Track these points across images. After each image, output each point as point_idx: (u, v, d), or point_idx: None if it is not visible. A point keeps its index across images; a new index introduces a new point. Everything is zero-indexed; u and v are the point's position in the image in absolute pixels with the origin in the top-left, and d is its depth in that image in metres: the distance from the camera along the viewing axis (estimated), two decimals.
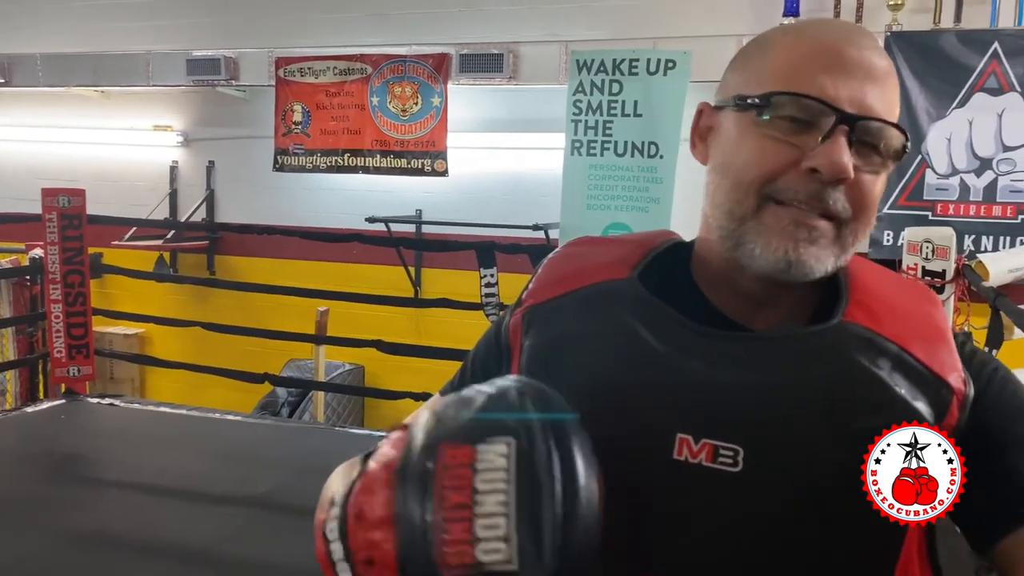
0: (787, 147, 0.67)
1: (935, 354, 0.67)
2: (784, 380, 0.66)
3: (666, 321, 0.70)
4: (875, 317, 0.69)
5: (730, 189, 0.70)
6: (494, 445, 0.54)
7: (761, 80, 0.70)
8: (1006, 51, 3.64)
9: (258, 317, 4.66)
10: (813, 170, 0.66)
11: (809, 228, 0.67)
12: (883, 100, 0.68)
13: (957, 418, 0.65)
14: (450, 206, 4.80)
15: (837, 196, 0.67)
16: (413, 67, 4.58)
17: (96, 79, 5.24)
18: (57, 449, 3.03)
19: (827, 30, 0.70)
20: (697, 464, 0.65)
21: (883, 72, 0.69)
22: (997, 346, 2.19)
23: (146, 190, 5.51)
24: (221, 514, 2.48)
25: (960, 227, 3.44)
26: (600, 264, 0.77)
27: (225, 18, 5.12)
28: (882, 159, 0.69)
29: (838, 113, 0.66)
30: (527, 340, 0.75)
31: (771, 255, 0.67)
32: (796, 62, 0.68)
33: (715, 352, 0.68)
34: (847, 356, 0.66)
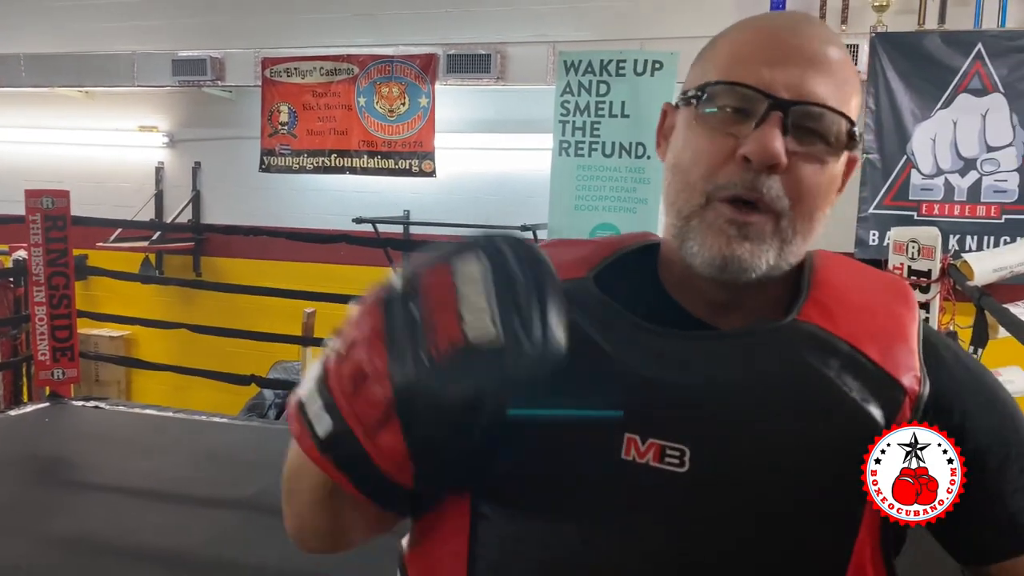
0: (725, 138, 0.67)
1: (890, 353, 0.66)
2: (732, 380, 0.65)
3: (616, 320, 0.69)
4: (829, 315, 0.68)
5: (679, 188, 0.70)
6: (467, 257, 0.58)
7: (705, 74, 0.70)
8: (989, 52, 3.67)
9: (245, 319, 4.63)
10: (746, 158, 0.65)
11: (740, 224, 0.66)
12: (828, 87, 0.67)
13: (909, 419, 0.64)
14: (438, 207, 4.79)
15: (771, 184, 0.66)
16: (400, 67, 4.57)
17: (81, 79, 5.20)
18: (41, 453, 3.01)
19: (772, 21, 0.71)
20: (644, 464, 0.64)
21: (831, 60, 0.68)
22: (982, 345, 2.20)
23: (131, 191, 5.47)
24: (208, 517, 2.46)
25: (945, 227, 3.47)
26: (560, 264, 0.74)
27: (211, 18, 5.09)
28: (827, 147, 0.67)
29: (770, 99, 0.65)
30: None
31: (707, 253, 0.67)
32: (737, 53, 0.69)
33: (664, 351, 0.67)
34: (796, 356, 0.65)
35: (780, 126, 0.65)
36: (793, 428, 0.64)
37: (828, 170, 0.68)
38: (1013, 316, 2.07)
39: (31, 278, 3.60)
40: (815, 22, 0.71)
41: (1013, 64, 3.66)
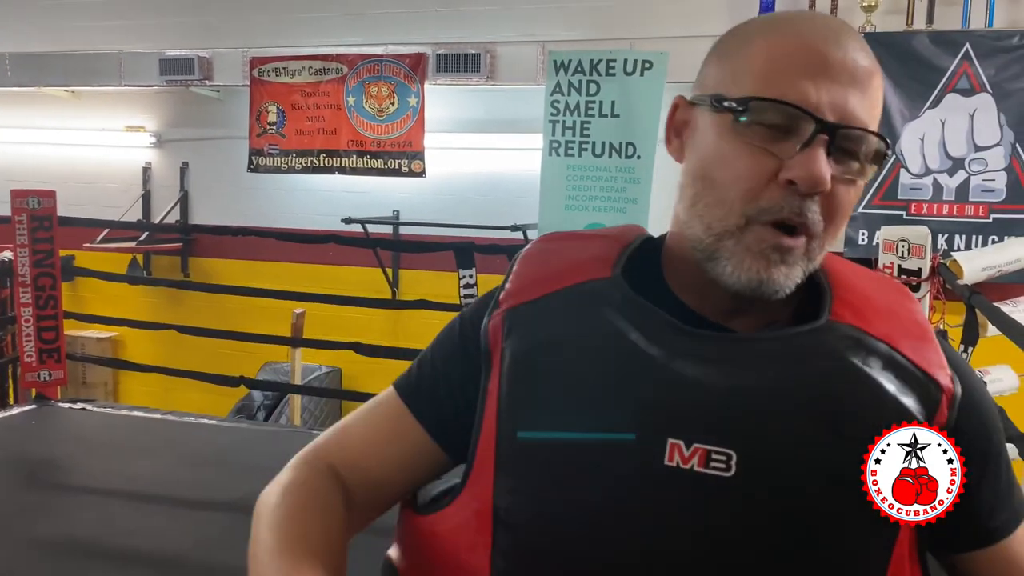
0: (765, 156, 0.65)
1: (923, 352, 0.67)
2: (776, 382, 0.65)
3: (654, 323, 0.68)
4: (862, 316, 0.68)
5: (713, 204, 0.68)
6: None
7: (739, 80, 0.67)
8: (977, 52, 3.69)
9: (233, 319, 4.61)
10: (791, 182, 0.64)
11: (783, 251, 0.66)
12: (866, 104, 0.66)
13: (947, 416, 0.65)
14: (427, 207, 4.78)
15: (814, 207, 0.65)
16: (389, 67, 4.56)
17: (67, 79, 5.16)
18: (28, 455, 2.97)
19: (810, 27, 0.67)
20: (689, 470, 0.63)
21: (867, 73, 0.66)
22: (973, 343, 2.21)
23: (118, 191, 5.43)
24: (197, 520, 2.44)
25: (933, 226, 3.47)
26: (580, 262, 0.75)
27: (199, 17, 5.06)
28: (860, 165, 0.67)
29: (818, 123, 0.64)
30: (509, 344, 0.71)
31: (743, 275, 0.66)
32: (777, 63, 0.66)
33: (705, 354, 0.66)
34: (838, 356, 0.65)
35: (825, 149, 0.64)
36: (839, 429, 0.63)
37: (857, 188, 0.68)
38: (1003, 315, 2.08)
39: (17, 279, 3.56)
40: (850, 29, 0.69)
41: (1000, 64, 3.68)
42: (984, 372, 2.46)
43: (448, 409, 0.76)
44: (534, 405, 0.68)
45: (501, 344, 0.72)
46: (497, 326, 0.73)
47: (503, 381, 0.70)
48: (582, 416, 0.66)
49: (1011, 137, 3.71)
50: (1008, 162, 3.72)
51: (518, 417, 0.69)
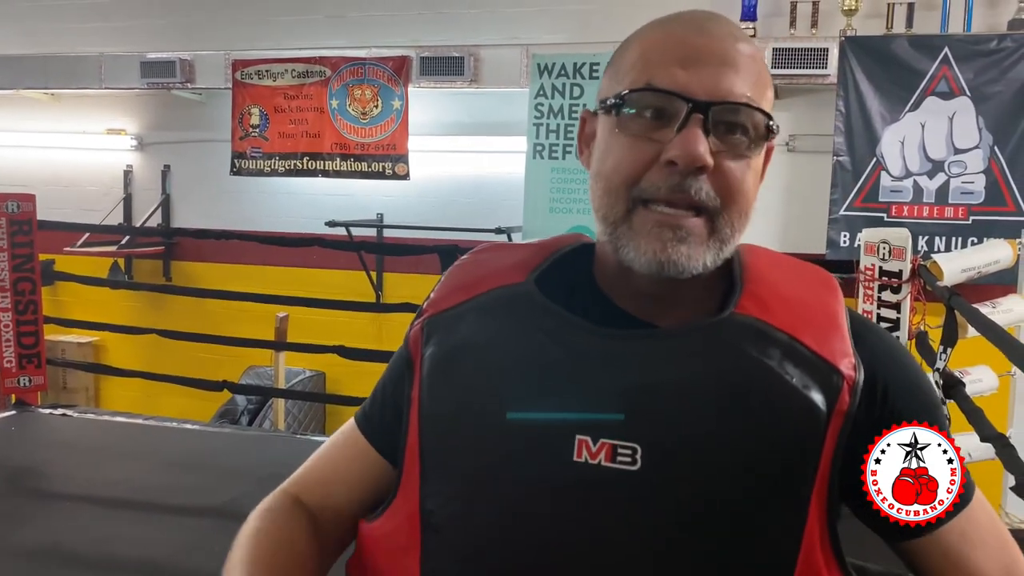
0: (647, 143, 0.68)
1: (826, 341, 0.68)
2: (678, 376, 0.66)
3: (561, 323, 0.70)
4: (766, 307, 0.69)
5: (602, 194, 0.71)
6: None
7: (620, 81, 0.71)
8: (956, 56, 3.73)
9: (216, 323, 4.58)
10: (671, 162, 0.66)
11: (674, 228, 0.67)
12: (742, 83, 0.68)
13: (848, 403, 0.66)
14: (412, 210, 4.77)
15: (699, 185, 0.67)
16: (373, 70, 4.55)
17: (47, 81, 5.12)
18: (8, 462, 2.94)
19: (678, 22, 0.71)
20: (597, 465, 0.65)
21: (743, 56, 0.69)
22: (952, 344, 2.23)
23: (99, 195, 5.39)
24: (180, 526, 2.42)
25: (914, 228, 3.51)
26: (499, 269, 0.77)
27: (180, 19, 5.04)
28: (748, 141, 0.69)
29: (690, 102, 0.66)
30: (427, 350, 0.74)
31: (642, 257, 0.68)
32: (649, 56, 0.69)
33: (611, 352, 0.68)
34: (738, 348, 0.67)
35: (702, 127, 0.66)
36: (740, 419, 0.65)
37: (752, 164, 0.70)
38: (982, 316, 2.10)
39: None
40: (722, 19, 0.72)
41: (979, 68, 3.72)
42: (964, 373, 2.48)
43: (395, 429, 0.78)
44: (449, 409, 0.71)
45: (421, 350, 0.75)
46: (418, 334, 0.76)
47: (423, 387, 0.73)
48: (495, 414, 0.68)
49: (989, 140, 3.75)
50: (987, 164, 3.77)
51: (436, 421, 0.71)
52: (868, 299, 2.47)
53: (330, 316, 4.39)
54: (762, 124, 0.69)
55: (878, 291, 2.44)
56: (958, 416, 2.19)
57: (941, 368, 2.24)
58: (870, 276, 2.46)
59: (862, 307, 2.50)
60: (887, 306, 2.43)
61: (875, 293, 2.45)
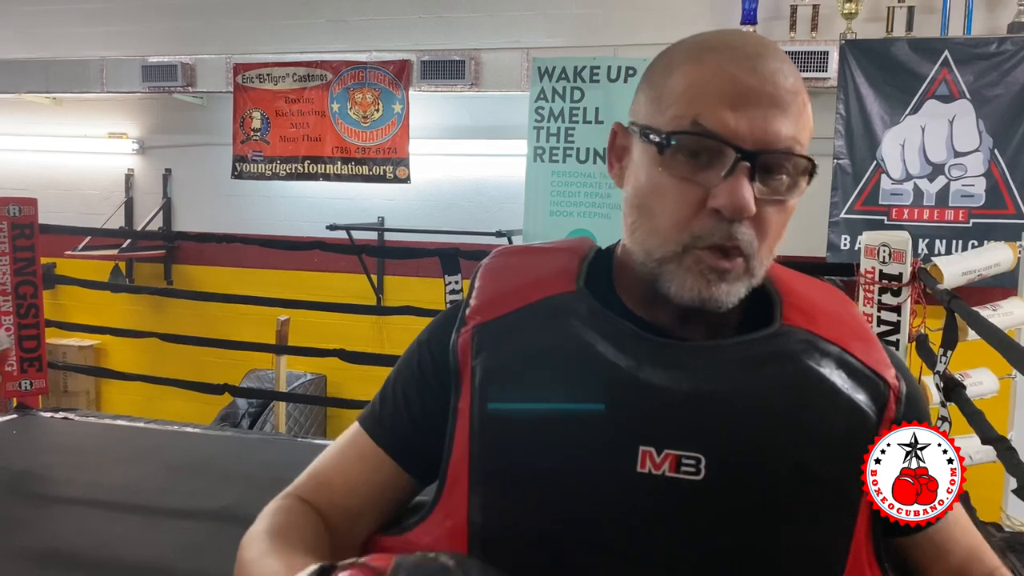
0: (692, 186, 0.68)
1: (870, 353, 0.71)
2: (738, 386, 0.68)
3: (621, 333, 0.70)
4: (812, 320, 0.71)
5: (650, 233, 0.71)
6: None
7: (664, 111, 0.70)
8: (956, 59, 3.74)
9: (217, 327, 4.58)
10: (716, 210, 0.67)
11: (720, 272, 0.69)
12: (788, 123, 0.68)
13: (895, 411, 0.69)
14: (413, 213, 4.78)
15: (744, 231, 0.68)
16: (374, 74, 4.56)
17: (48, 85, 5.13)
18: (9, 465, 2.94)
19: (729, 54, 0.69)
20: (660, 475, 0.65)
21: (788, 93, 0.68)
22: (952, 347, 2.23)
23: (100, 199, 5.40)
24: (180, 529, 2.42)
25: (914, 231, 3.52)
26: (544, 276, 0.76)
27: (182, 23, 5.05)
28: (790, 183, 0.70)
29: (738, 151, 0.66)
30: (479, 361, 0.72)
31: (686, 293, 0.69)
32: (696, 94, 0.68)
33: (671, 362, 0.68)
34: (795, 359, 0.69)
35: (748, 176, 0.67)
36: (798, 428, 0.66)
37: (789, 205, 0.71)
38: (982, 319, 2.10)
39: None
40: (773, 51, 0.71)
41: (979, 71, 3.72)
42: (965, 375, 2.49)
43: (411, 434, 0.77)
44: (510, 419, 0.69)
45: (471, 361, 0.72)
46: (467, 343, 0.73)
47: (475, 397, 0.71)
48: (559, 427, 0.67)
49: (989, 143, 3.76)
50: (987, 167, 3.77)
51: (493, 432, 0.70)
52: (868, 302, 2.47)
53: (331, 319, 4.40)
54: (803, 166, 0.70)
55: (878, 294, 2.45)
56: (959, 419, 2.19)
57: (941, 371, 2.24)
58: (870, 279, 2.46)
59: (862, 310, 2.50)
60: (887, 309, 2.43)
61: (875, 296, 2.45)
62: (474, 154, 4.71)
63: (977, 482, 0.74)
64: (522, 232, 3.92)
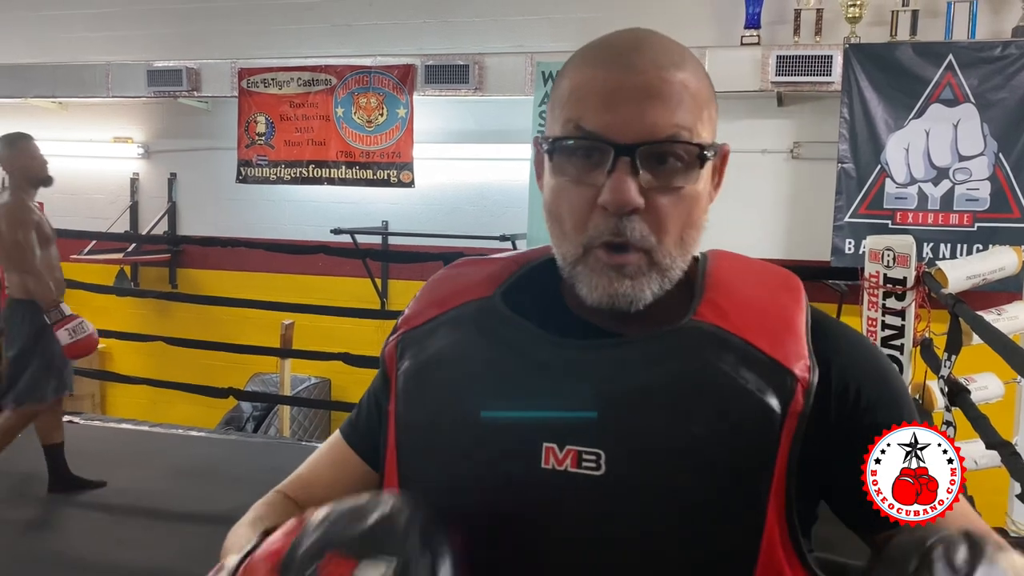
0: (584, 188, 0.70)
1: (780, 344, 0.70)
2: (638, 382, 0.69)
3: (525, 335, 0.73)
4: (722, 313, 0.71)
5: (559, 238, 0.74)
6: (375, 562, 0.57)
7: (555, 116, 0.73)
8: (960, 63, 3.74)
9: (222, 331, 4.60)
10: (604, 207, 0.69)
11: (618, 267, 0.70)
12: (669, 114, 0.69)
13: (802, 404, 0.68)
14: (417, 217, 4.79)
15: (633, 226, 0.69)
16: (378, 78, 4.57)
17: (54, 90, 5.15)
18: (15, 468, 2.96)
19: (608, 55, 0.72)
20: (563, 471, 0.67)
21: (669, 84, 0.70)
22: (956, 352, 2.23)
23: (106, 203, 5.42)
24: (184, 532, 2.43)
25: (919, 235, 3.52)
26: (469, 284, 0.80)
27: (186, 29, 5.07)
28: (683, 168, 0.70)
29: (615, 147, 0.68)
30: (402, 365, 0.77)
31: (593, 295, 0.71)
32: (576, 95, 0.71)
33: (573, 361, 0.71)
34: (694, 354, 0.69)
35: (630, 170, 0.68)
36: (698, 423, 0.67)
37: (687, 192, 0.71)
38: (987, 323, 2.10)
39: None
40: (650, 45, 0.73)
41: (983, 75, 3.72)
42: (970, 380, 2.48)
43: (377, 438, 0.81)
44: (422, 420, 0.74)
45: (396, 366, 0.78)
46: (392, 350, 0.79)
47: (398, 401, 0.76)
48: (464, 426, 0.71)
49: (994, 147, 3.75)
50: (992, 171, 3.77)
51: (410, 433, 0.75)
52: (872, 306, 2.47)
53: (335, 323, 4.40)
54: (693, 152, 0.70)
55: (883, 298, 2.44)
56: (963, 423, 2.18)
57: (946, 375, 2.24)
58: (875, 283, 2.46)
59: (866, 314, 2.50)
60: (891, 313, 2.42)
61: (880, 300, 2.45)
62: (478, 158, 4.72)
63: (982, 487, 0.74)
64: (526, 236, 3.93)
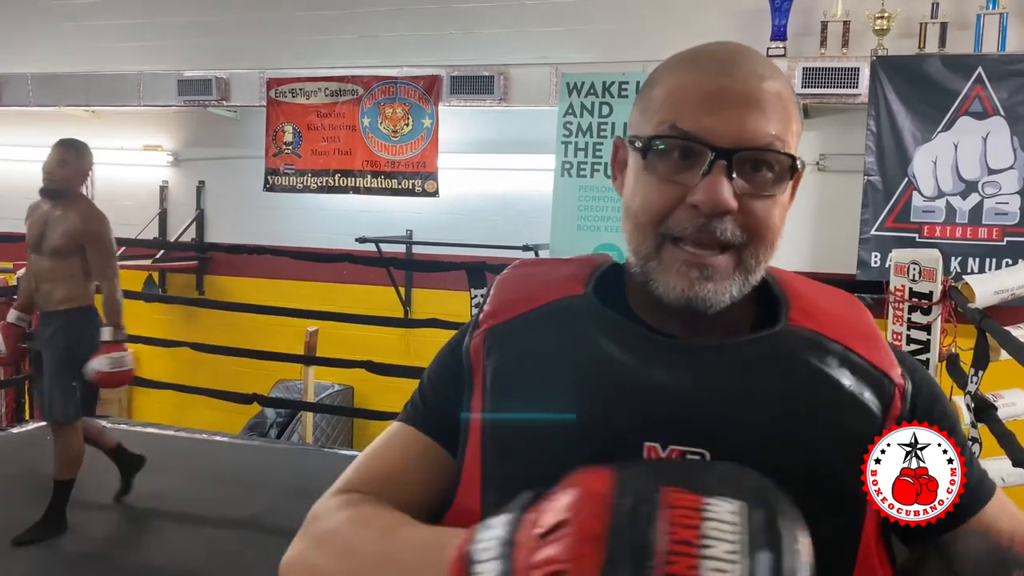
0: (672, 186, 0.71)
1: (875, 351, 0.71)
2: (742, 384, 0.69)
3: (626, 332, 0.72)
4: (816, 320, 0.72)
5: (632, 231, 0.74)
6: (724, 502, 0.53)
7: (649, 120, 0.74)
8: (990, 76, 3.70)
9: (247, 337, 4.64)
10: (695, 205, 0.69)
11: (701, 267, 0.70)
12: (767, 123, 0.70)
13: (900, 408, 0.69)
14: (440, 227, 4.81)
15: (724, 227, 0.70)
16: (404, 88, 4.61)
17: (87, 99, 5.25)
18: (43, 470, 3.00)
19: (706, 61, 0.73)
20: None
21: (767, 95, 0.71)
22: (983, 367, 2.20)
23: (135, 210, 5.50)
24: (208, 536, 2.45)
25: (946, 249, 3.48)
26: (553, 282, 0.79)
27: (217, 39, 5.14)
28: (773, 178, 0.71)
29: (714, 150, 0.69)
30: (489, 361, 0.75)
31: (671, 293, 0.71)
32: (675, 98, 0.72)
33: (676, 361, 0.70)
34: (797, 357, 0.70)
35: (726, 173, 0.69)
36: (802, 425, 0.67)
37: (777, 200, 0.72)
38: (1014, 339, 2.07)
39: None
40: (747, 55, 0.74)
41: (1013, 88, 3.68)
42: (997, 396, 2.44)
43: (449, 418, 0.78)
44: (516, 417, 0.72)
45: (482, 361, 0.75)
46: (479, 345, 0.76)
47: (486, 397, 0.74)
48: (564, 422, 0.70)
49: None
50: (1022, 185, 3.72)
51: (501, 430, 0.72)
52: (898, 320, 2.45)
53: (359, 331, 4.43)
54: (786, 163, 0.72)
55: (908, 312, 2.42)
56: (990, 440, 2.15)
57: (973, 391, 2.21)
58: (900, 297, 2.44)
59: (891, 328, 2.48)
60: (917, 327, 2.40)
61: (905, 314, 2.43)
62: (502, 168, 4.74)
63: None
64: (549, 246, 3.94)
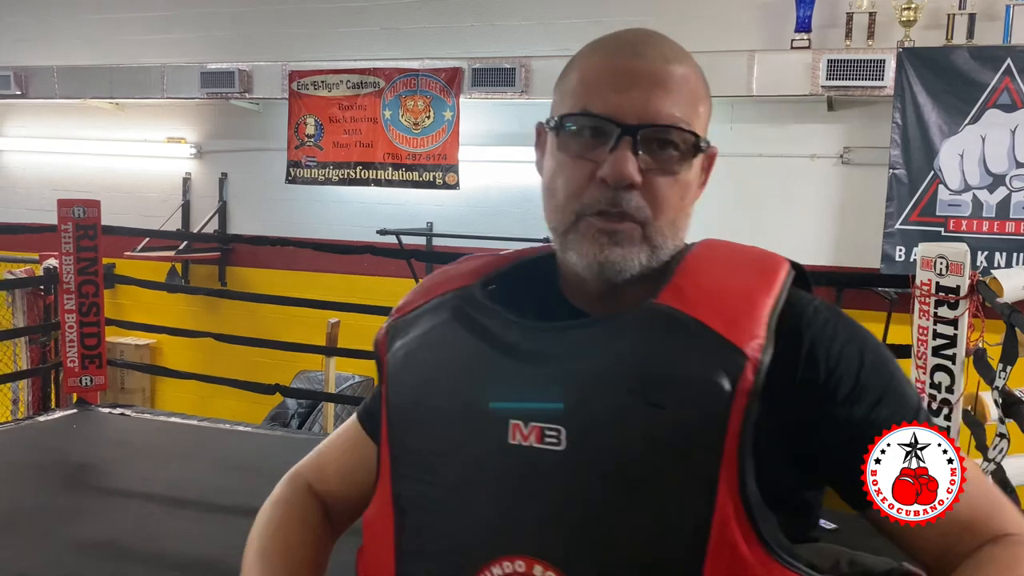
0: (584, 163, 0.77)
1: (734, 324, 0.72)
2: (595, 361, 0.73)
3: (495, 320, 0.79)
4: (682, 296, 0.75)
5: (552, 210, 0.81)
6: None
7: (564, 102, 0.80)
8: (1019, 67, 3.64)
9: (269, 328, 4.67)
10: (603, 180, 0.75)
11: (609, 233, 0.76)
12: (671, 104, 0.76)
13: (751, 382, 0.69)
14: (461, 219, 4.81)
15: (629, 198, 0.76)
16: (426, 81, 4.61)
17: (111, 91, 5.29)
18: (68, 458, 3.04)
19: (618, 44, 0.80)
20: (528, 446, 0.72)
21: (673, 77, 0.77)
22: (1012, 362, 2.17)
23: (159, 201, 5.55)
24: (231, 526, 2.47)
25: (973, 243, 3.43)
26: (456, 276, 0.87)
27: (239, 31, 5.17)
28: (678, 156, 0.77)
29: (619, 126, 0.75)
30: (390, 351, 0.84)
31: (584, 260, 0.78)
32: (587, 80, 0.79)
33: (540, 343, 0.76)
34: (646, 333, 0.73)
35: (631, 148, 0.75)
36: (647, 399, 0.70)
37: (681, 178, 0.78)
38: None
39: (62, 286, 3.65)
40: (657, 40, 0.81)
41: None
42: None
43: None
44: (407, 401, 0.81)
45: (386, 352, 0.85)
46: (383, 337, 0.87)
47: (389, 384, 0.83)
48: (437, 405, 0.78)
49: None
50: None
51: (398, 413, 0.81)
52: (924, 315, 2.42)
53: (380, 322, 4.42)
54: (691, 141, 0.77)
55: (934, 307, 2.39)
56: (1018, 436, 2.13)
57: (1000, 386, 2.19)
58: (926, 291, 2.41)
59: (917, 322, 2.45)
60: (943, 322, 2.37)
61: (931, 309, 2.40)
62: (523, 161, 4.72)
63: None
64: None
